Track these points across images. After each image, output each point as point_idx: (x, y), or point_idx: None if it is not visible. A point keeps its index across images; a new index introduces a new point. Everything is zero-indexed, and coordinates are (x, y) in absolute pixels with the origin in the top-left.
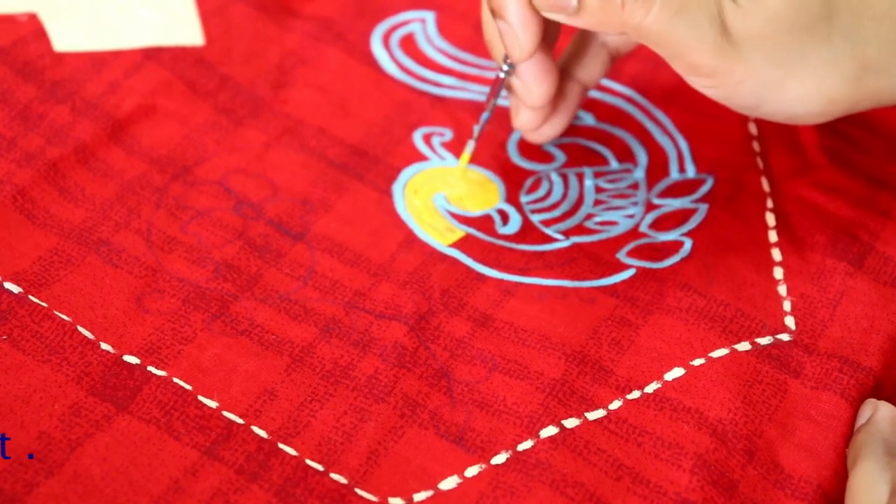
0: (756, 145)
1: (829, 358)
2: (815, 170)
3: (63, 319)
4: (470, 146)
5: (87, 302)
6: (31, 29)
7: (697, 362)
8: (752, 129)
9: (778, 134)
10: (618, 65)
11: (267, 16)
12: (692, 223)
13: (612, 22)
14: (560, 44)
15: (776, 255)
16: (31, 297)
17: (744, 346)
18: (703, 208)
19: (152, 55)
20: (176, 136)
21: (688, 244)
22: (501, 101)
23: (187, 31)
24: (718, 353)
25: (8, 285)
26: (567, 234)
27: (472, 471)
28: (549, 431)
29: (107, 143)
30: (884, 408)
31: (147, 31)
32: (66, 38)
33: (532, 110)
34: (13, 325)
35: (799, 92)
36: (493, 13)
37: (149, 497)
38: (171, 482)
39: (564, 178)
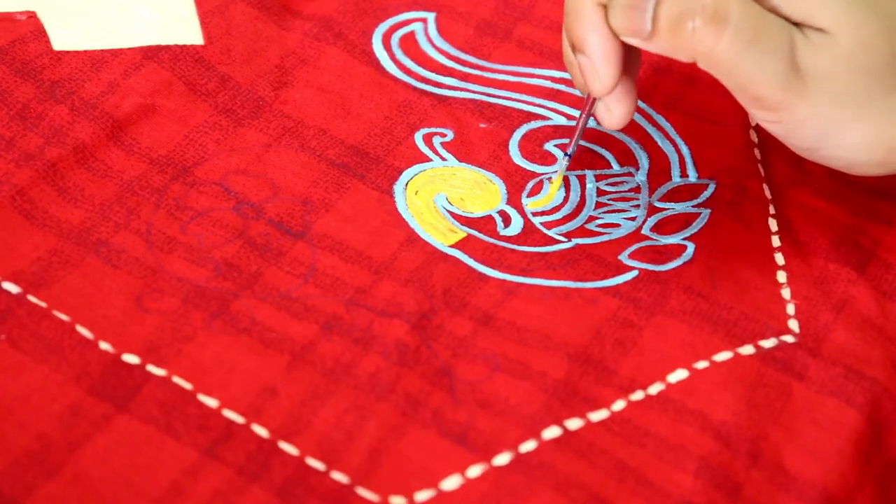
0: (757, 153)
1: (833, 364)
2: (816, 178)
3: (62, 319)
4: (562, 167)
5: (86, 302)
6: (30, 28)
7: (701, 365)
8: (753, 136)
9: (779, 143)
10: None
11: (267, 15)
12: (694, 227)
13: (682, 47)
14: None
15: (779, 259)
16: (29, 296)
17: (747, 350)
18: (706, 213)
19: (152, 55)
20: (176, 137)
21: (690, 248)
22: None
23: (187, 31)
24: (722, 356)
25: (6, 285)
26: (569, 236)
27: (474, 471)
28: (552, 432)
29: (106, 143)
30: None
31: (147, 31)
32: (66, 37)
33: (610, 125)
34: (12, 324)
35: (860, 137)
36: (573, 48)
37: (149, 499)
38: (170, 483)
39: (566, 180)
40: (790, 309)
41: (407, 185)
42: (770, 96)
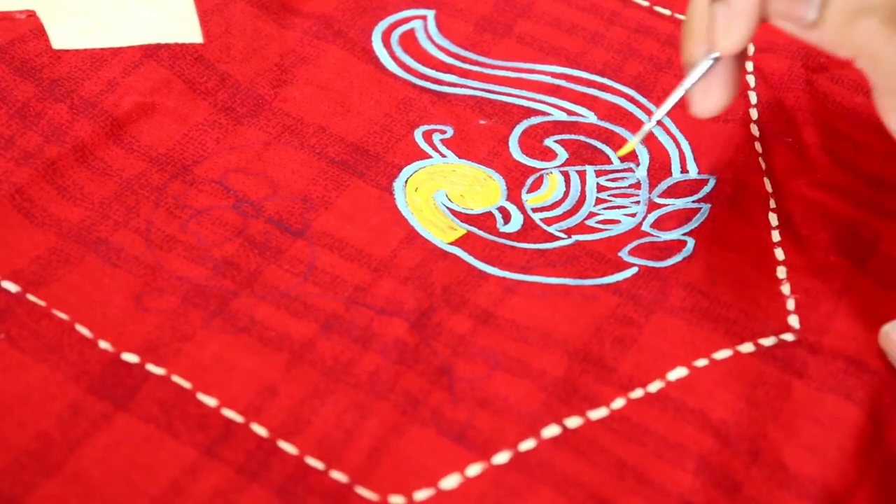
0: (758, 146)
1: (834, 358)
2: (817, 171)
3: (61, 318)
4: (645, 130)
5: (86, 300)
6: (29, 27)
7: (700, 363)
8: (755, 130)
9: (780, 135)
10: (619, 64)
11: (267, 14)
12: (694, 223)
13: (847, 43)
14: None
15: (779, 254)
16: (29, 295)
17: (747, 348)
18: (706, 208)
19: (151, 53)
20: (175, 135)
21: (690, 244)
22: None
23: (186, 30)
24: (721, 354)
25: (6, 284)
26: (569, 232)
27: (473, 469)
28: (552, 431)
29: (105, 141)
30: None
31: (146, 30)
32: (65, 36)
33: (700, 111)
34: (11, 323)
35: None
36: None
37: (148, 498)
38: (170, 482)
39: (566, 176)
40: (790, 304)
41: (407, 182)
42: None
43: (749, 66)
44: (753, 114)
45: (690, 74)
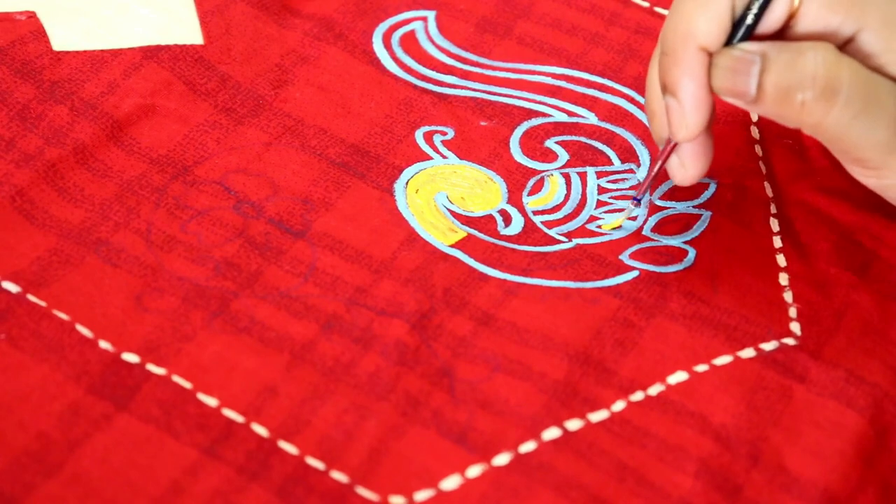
0: (758, 149)
1: (835, 367)
2: (817, 173)
3: (62, 318)
4: (625, 214)
5: (86, 301)
6: (29, 28)
7: (700, 368)
8: (755, 133)
9: (780, 137)
10: (619, 65)
11: (267, 15)
12: (696, 231)
13: (789, 116)
14: None
15: (781, 260)
16: (29, 296)
17: (748, 353)
18: (707, 215)
19: (151, 55)
20: (176, 136)
21: (692, 254)
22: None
23: (187, 31)
24: (722, 360)
25: (6, 285)
26: (570, 236)
27: (473, 471)
28: (552, 433)
29: (106, 143)
30: None
31: (146, 31)
32: (65, 37)
33: (682, 181)
34: (11, 323)
35: None
36: (664, 88)
37: (149, 498)
38: (170, 482)
39: (567, 178)
40: (792, 312)
41: (407, 183)
42: (873, 159)
43: None
44: (753, 115)
45: (660, 154)
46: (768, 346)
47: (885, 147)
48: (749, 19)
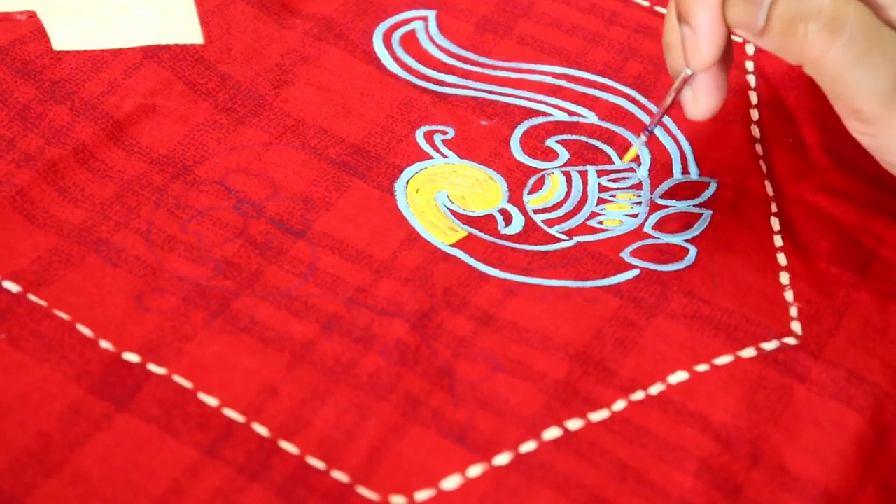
0: (759, 148)
1: (835, 367)
2: (818, 172)
3: (62, 318)
4: (638, 143)
5: (87, 301)
6: (30, 28)
7: (701, 368)
8: (755, 132)
9: (781, 136)
10: (620, 65)
11: (267, 14)
12: (696, 230)
13: (792, 49)
14: None
15: (781, 259)
16: (30, 295)
17: (749, 353)
18: (707, 214)
19: (152, 55)
20: (176, 136)
21: (692, 252)
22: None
23: (187, 30)
24: (722, 359)
25: (7, 284)
26: (570, 234)
27: (474, 471)
28: (552, 433)
29: (106, 143)
30: None
31: (147, 31)
32: (66, 37)
33: (695, 115)
34: (12, 323)
35: None
36: (679, 17)
37: (149, 498)
38: (171, 482)
39: (568, 176)
40: (793, 311)
41: (408, 183)
42: (869, 110)
43: (749, 65)
44: (754, 114)
45: (674, 86)
46: (769, 345)
47: (883, 98)
48: None
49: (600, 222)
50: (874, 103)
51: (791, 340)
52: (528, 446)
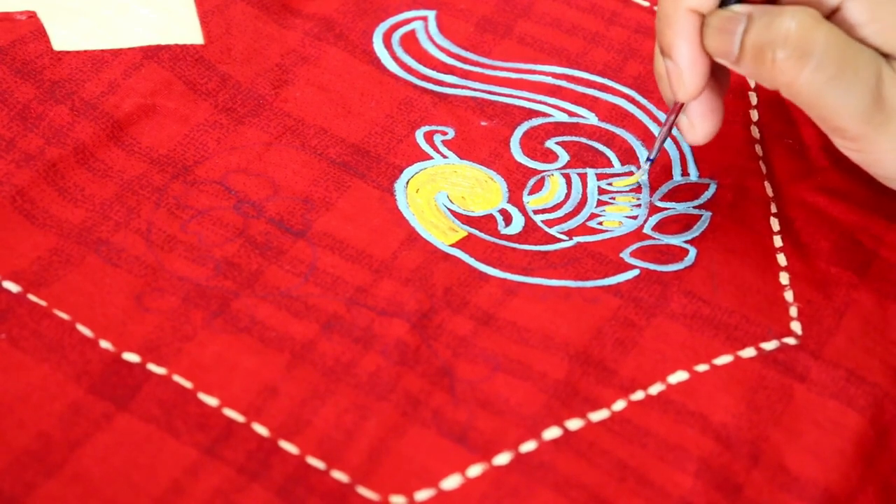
0: (759, 149)
1: (835, 367)
2: (818, 172)
3: (62, 318)
4: (640, 173)
5: (87, 300)
6: (30, 28)
7: (701, 368)
8: (755, 132)
9: (781, 137)
10: (619, 65)
11: (267, 14)
12: (696, 231)
13: (764, 76)
14: None
15: (781, 260)
16: (30, 295)
17: (749, 353)
18: (707, 216)
19: (152, 55)
20: (176, 136)
21: (692, 253)
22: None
23: (187, 30)
24: (722, 359)
25: (7, 284)
26: (570, 234)
27: (474, 470)
28: (552, 433)
29: (106, 143)
30: None
31: (146, 31)
32: (66, 37)
33: (693, 141)
34: (12, 323)
35: None
36: (662, 52)
37: (149, 498)
38: (171, 482)
39: (567, 178)
40: (793, 311)
41: (408, 183)
42: (851, 128)
43: None
44: (754, 115)
45: (668, 115)
46: (769, 345)
47: (861, 116)
48: None
49: (600, 223)
50: (853, 121)
51: (791, 340)
52: (528, 446)
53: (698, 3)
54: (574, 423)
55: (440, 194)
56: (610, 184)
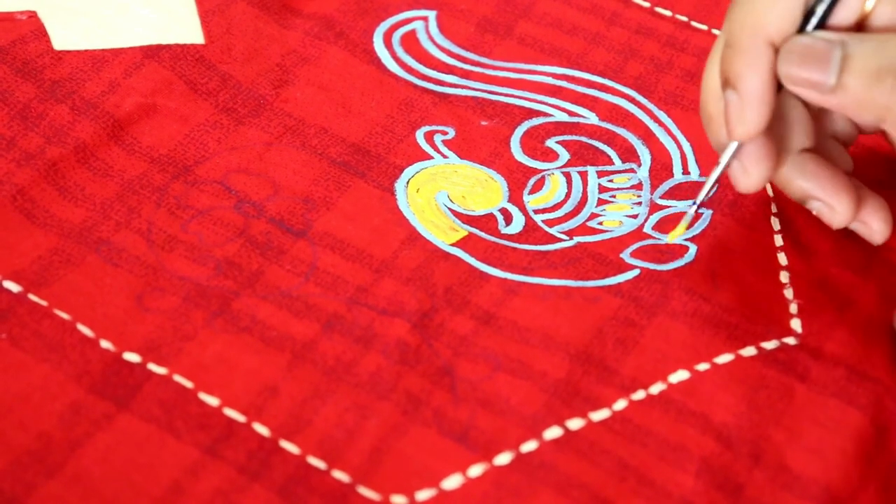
0: None
1: (835, 365)
2: None
3: (63, 318)
4: (686, 219)
5: (87, 300)
6: (30, 28)
7: (702, 367)
8: None
9: None
10: (620, 65)
11: (268, 14)
12: (696, 229)
13: (875, 105)
14: None
15: (782, 259)
16: (30, 295)
17: (749, 352)
18: (707, 214)
19: (152, 54)
20: (176, 136)
21: (692, 249)
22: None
23: (187, 30)
24: (723, 358)
25: (7, 284)
26: (570, 234)
27: (475, 470)
28: (553, 433)
29: (107, 142)
30: None
31: (147, 30)
32: (66, 37)
33: (746, 188)
34: (13, 323)
35: None
36: (724, 83)
37: (150, 498)
38: (171, 482)
39: (568, 177)
40: (793, 309)
41: (408, 182)
42: None
43: None
44: None
45: (721, 159)
46: (769, 344)
47: None
48: (819, 11)
49: (600, 223)
50: None
51: (791, 340)
52: (529, 446)
53: (776, 33)
54: (575, 423)
55: (440, 194)
56: (611, 180)
